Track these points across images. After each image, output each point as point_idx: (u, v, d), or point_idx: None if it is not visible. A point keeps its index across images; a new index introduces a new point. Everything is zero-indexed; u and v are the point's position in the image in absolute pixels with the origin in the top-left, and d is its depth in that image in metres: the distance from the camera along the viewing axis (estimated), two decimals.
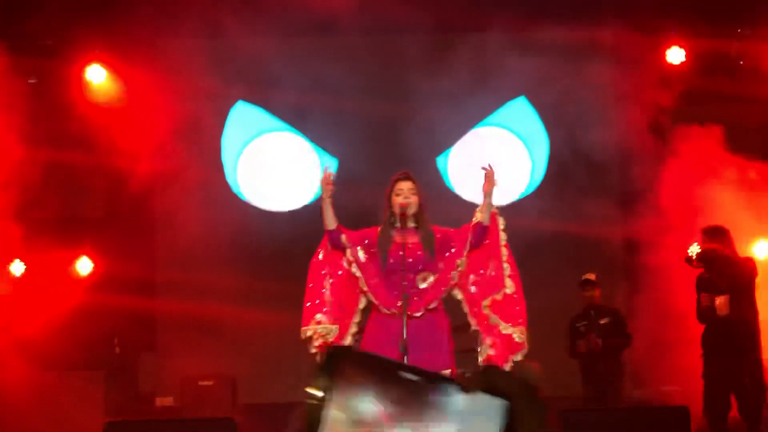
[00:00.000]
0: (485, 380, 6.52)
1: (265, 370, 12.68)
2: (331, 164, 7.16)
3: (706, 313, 9.47)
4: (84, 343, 12.11)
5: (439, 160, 13.10)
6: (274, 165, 13.18)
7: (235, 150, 13.17)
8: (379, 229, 7.28)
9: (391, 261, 7.13)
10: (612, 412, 7.84)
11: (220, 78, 12.80)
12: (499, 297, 7.15)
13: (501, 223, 7.35)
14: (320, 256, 7.43)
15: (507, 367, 7.00)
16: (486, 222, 7.21)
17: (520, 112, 13.11)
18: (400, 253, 7.05)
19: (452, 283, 7.18)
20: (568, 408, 7.67)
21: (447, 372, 6.86)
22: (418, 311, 7.03)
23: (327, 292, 7.33)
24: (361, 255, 7.23)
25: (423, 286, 7.14)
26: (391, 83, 12.89)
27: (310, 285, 7.38)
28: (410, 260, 7.09)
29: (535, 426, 6.37)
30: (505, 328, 7.05)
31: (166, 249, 13.16)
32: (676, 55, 12.48)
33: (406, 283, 6.91)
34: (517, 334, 7.04)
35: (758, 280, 9.52)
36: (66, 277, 12.56)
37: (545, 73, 12.59)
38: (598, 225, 12.33)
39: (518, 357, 7.06)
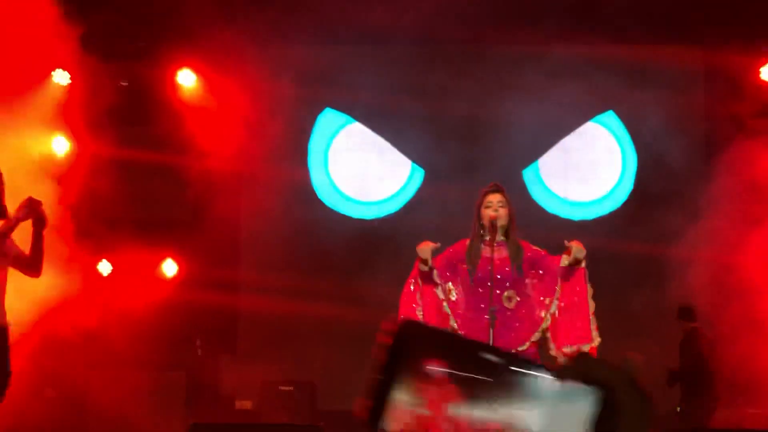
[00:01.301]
0: (579, 367, 6.39)
1: (345, 376, 12.66)
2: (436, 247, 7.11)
3: None
4: (167, 345, 12.19)
5: (526, 173, 13.03)
6: (361, 164, 13.20)
7: (321, 153, 13.21)
8: (468, 242, 7.25)
9: (479, 275, 7.11)
10: None
11: (306, 84, 12.85)
12: (585, 348, 7.13)
13: (586, 275, 7.28)
14: (411, 287, 7.39)
15: None
16: (573, 261, 7.15)
17: (610, 125, 13.04)
18: (489, 268, 7.02)
19: (543, 326, 7.15)
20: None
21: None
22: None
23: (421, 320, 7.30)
24: (453, 294, 7.21)
25: (509, 305, 7.11)
26: (475, 96, 12.85)
27: (403, 315, 7.34)
28: (498, 276, 7.06)
29: (638, 420, 6.19)
30: None
31: (250, 252, 13.26)
32: None
33: (494, 307, 6.88)
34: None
35: None
36: (151, 279, 12.69)
37: (635, 90, 12.51)
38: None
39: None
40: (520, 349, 7.03)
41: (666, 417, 10.91)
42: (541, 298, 7.20)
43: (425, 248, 7.09)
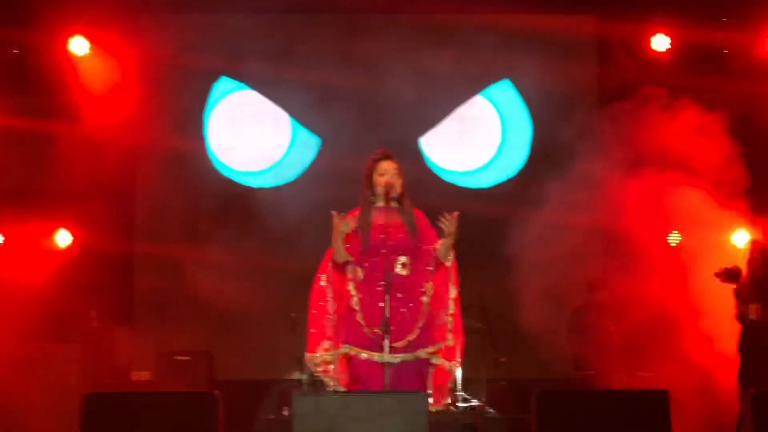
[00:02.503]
0: None
1: (243, 346, 12.67)
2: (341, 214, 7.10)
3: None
4: (60, 317, 12.03)
5: (421, 142, 13.09)
6: (258, 132, 13.13)
7: (217, 123, 13.12)
8: (359, 210, 7.26)
9: (372, 243, 7.12)
10: (591, 395, 7.83)
11: (203, 53, 12.74)
12: (440, 347, 7.24)
13: (452, 276, 7.35)
14: (322, 282, 7.39)
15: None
16: (443, 260, 7.22)
17: (505, 94, 13.15)
18: (381, 235, 7.04)
19: (425, 309, 7.21)
20: (544, 390, 7.65)
21: None
22: (400, 341, 7.05)
23: (331, 317, 7.31)
24: (360, 273, 7.22)
25: (403, 273, 7.14)
26: (372, 64, 12.86)
27: (313, 311, 7.36)
28: (392, 243, 7.09)
29: None
30: (445, 365, 7.28)
31: (146, 223, 13.12)
32: (660, 43, 12.50)
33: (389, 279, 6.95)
34: (449, 366, 7.30)
35: None
36: (45, 250, 12.50)
37: (528, 59, 12.63)
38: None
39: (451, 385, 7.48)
40: (410, 338, 7.09)
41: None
42: (425, 277, 7.27)
43: (340, 223, 7.07)
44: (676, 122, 11.60)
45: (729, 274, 10.00)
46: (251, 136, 13.14)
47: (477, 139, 13.20)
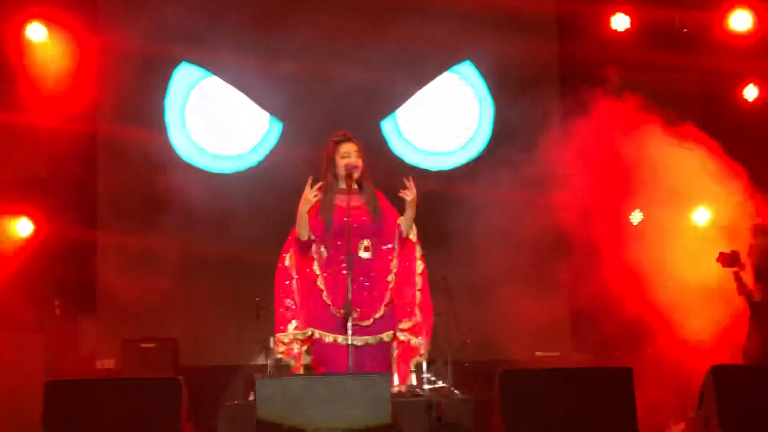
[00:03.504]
0: None
1: (207, 333, 12.64)
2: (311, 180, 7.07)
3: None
4: (24, 306, 11.95)
5: (384, 124, 13.07)
6: (219, 118, 13.07)
7: (178, 108, 13.04)
8: (321, 193, 7.23)
9: (336, 227, 7.11)
10: (554, 373, 7.85)
11: (162, 39, 12.65)
12: (409, 324, 7.22)
13: (418, 251, 7.35)
14: (286, 262, 7.37)
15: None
16: (406, 234, 7.22)
17: (467, 74, 13.17)
18: (345, 218, 7.03)
19: (390, 287, 7.21)
20: (508, 369, 7.67)
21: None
22: (366, 320, 7.05)
23: (297, 296, 7.29)
24: (324, 252, 7.20)
25: (365, 255, 7.13)
26: (335, 47, 12.84)
27: (279, 291, 7.34)
28: (355, 225, 7.08)
29: None
30: (412, 341, 7.25)
31: (108, 211, 13.02)
32: (621, 22, 12.55)
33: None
34: (416, 341, 7.28)
35: None
36: (6, 238, 12.40)
37: (488, 40, 12.65)
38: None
39: (416, 361, 7.41)
40: (376, 316, 7.09)
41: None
42: (389, 257, 7.26)
43: (309, 191, 7.05)
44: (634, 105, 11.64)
45: (727, 259, 10.11)
46: (215, 122, 13.06)
47: (441, 119, 13.19)
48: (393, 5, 12.86)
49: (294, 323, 7.27)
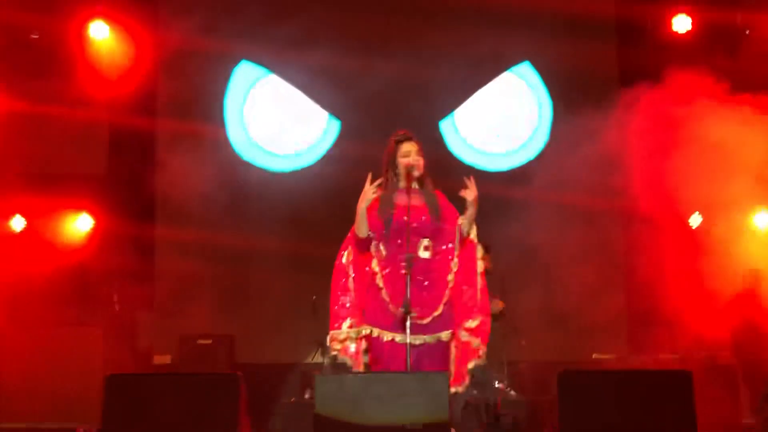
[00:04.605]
0: None
1: (264, 330, 12.69)
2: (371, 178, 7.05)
3: None
4: (83, 300, 12.07)
5: (442, 125, 13.07)
6: (278, 116, 13.13)
7: (237, 106, 13.12)
8: (381, 191, 7.23)
9: (395, 226, 7.10)
10: (613, 375, 7.81)
11: (223, 36, 12.75)
12: (474, 323, 7.19)
13: (479, 252, 7.31)
14: (344, 259, 7.35)
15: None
16: (467, 233, 7.20)
17: (526, 75, 13.13)
18: (404, 217, 7.02)
19: (450, 286, 7.19)
20: (567, 370, 7.63)
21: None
22: (424, 318, 7.04)
23: (352, 295, 7.29)
24: (383, 250, 7.20)
25: (425, 255, 7.12)
26: (394, 47, 12.86)
27: (336, 289, 7.32)
28: (414, 225, 7.06)
29: None
30: (473, 342, 7.19)
31: (166, 207, 13.11)
32: (682, 24, 12.45)
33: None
34: (477, 342, 7.18)
35: None
36: (66, 234, 12.53)
37: (548, 41, 12.61)
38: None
39: (474, 363, 7.23)
40: (434, 315, 7.07)
41: None
42: (449, 257, 7.24)
43: (370, 188, 7.05)
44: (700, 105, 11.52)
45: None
46: (274, 120, 13.12)
47: (499, 120, 13.17)
48: (453, 6, 12.88)
49: (348, 321, 7.26)
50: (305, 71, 12.85)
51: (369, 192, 7.01)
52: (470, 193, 7.02)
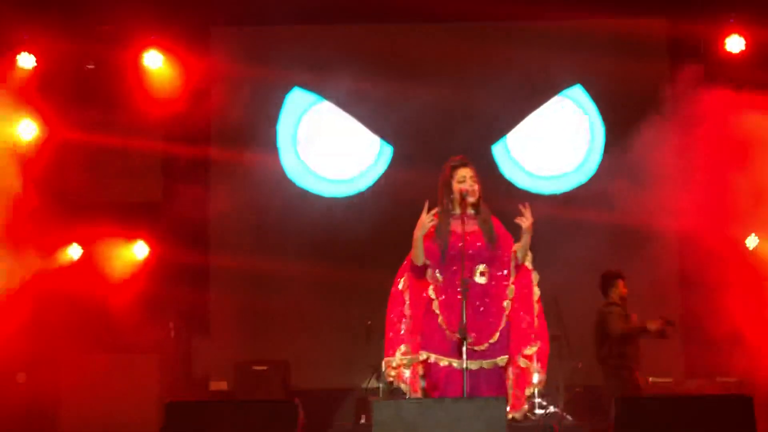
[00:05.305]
0: None
1: (319, 355, 12.71)
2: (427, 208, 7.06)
3: None
4: (139, 327, 12.15)
5: (495, 149, 13.06)
6: (331, 142, 13.20)
7: (290, 133, 13.20)
8: (437, 218, 7.23)
9: (451, 252, 7.10)
10: (671, 401, 7.73)
11: (274, 64, 12.85)
12: (533, 350, 7.17)
13: (535, 278, 7.30)
14: (400, 286, 7.37)
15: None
16: (522, 260, 7.19)
17: (578, 98, 13.11)
18: (460, 244, 7.02)
19: (506, 312, 7.17)
20: (624, 395, 7.58)
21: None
22: (481, 344, 7.03)
23: (408, 321, 7.30)
24: (440, 276, 7.20)
25: (481, 281, 7.11)
26: (444, 72, 12.89)
27: (392, 315, 7.33)
28: (470, 252, 7.05)
29: None
30: (531, 367, 7.18)
31: (220, 234, 13.21)
32: (735, 44, 12.36)
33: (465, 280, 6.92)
34: (535, 368, 7.17)
35: None
36: (123, 262, 12.63)
37: (599, 63, 12.58)
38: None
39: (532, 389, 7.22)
40: (491, 342, 7.06)
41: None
42: (504, 283, 7.23)
43: (426, 217, 7.05)
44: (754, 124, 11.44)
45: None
46: (327, 146, 13.19)
47: (552, 144, 13.15)
48: (503, 29, 12.91)
49: (402, 348, 7.26)
50: (357, 97, 12.89)
51: (426, 220, 7.02)
52: (525, 221, 7.02)
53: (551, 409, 10.34)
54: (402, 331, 7.28)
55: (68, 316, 11.89)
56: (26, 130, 12.01)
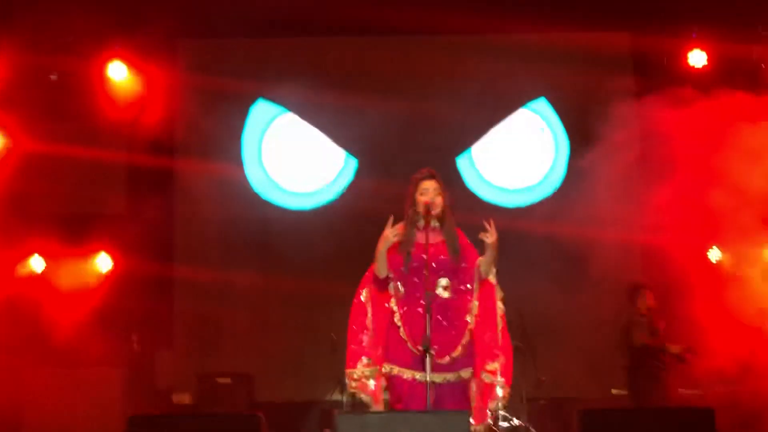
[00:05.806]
0: None
1: (282, 368, 12.69)
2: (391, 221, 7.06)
3: None
4: (102, 340, 12.08)
5: (459, 161, 13.09)
6: (295, 154, 13.20)
7: (255, 145, 13.18)
8: (402, 230, 7.23)
9: (414, 264, 7.11)
10: (634, 413, 7.77)
11: (239, 76, 12.83)
12: (495, 366, 7.18)
13: (499, 294, 7.31)
14: (362, 297, 7.38)
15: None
16: (485, 275, 7.20)
17: (542, 112, 13.16)
18: (423, 256, 7.02)
19: (470, 327, 7.18)
20: (587, 408, 7.61)
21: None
22: (442, 358, 7.03)
23: (370, 333, 7.29)
24: (401, 288, 7.20)
25: (444, 295, 7.11)
26: (409, 84, 12.91)
27: (354, 326, 7.33)
28: (433, 264, 7.06)
29: None
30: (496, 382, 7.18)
31: (184, 246, 13.17)
32: (697, 59, 12.46)
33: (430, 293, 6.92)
34: (499, 382, 7.17)
35: None
36: (85, 274, 12.56)
37: (566, 76, 12.63)
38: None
39: (495, 404, 7.20)
40: (453, 355, 7.06)
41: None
42: (468, 297, 7.23)
43: (390, 231, 7.05)
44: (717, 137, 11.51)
45: None
46: (291, 158, 13.18)
47: (516, 156, 13.19)
48: (468, 42, 12.94)
49: (365, 360, 7.26)
50: (321, 109, 12.90)
51: (389, 235, 7.02)
52: (490, 237, 7.03)
53: (515, 421, 10.34)
54: (364, 343, 7.28)
55: (29, 329, 11.79)
56: None
